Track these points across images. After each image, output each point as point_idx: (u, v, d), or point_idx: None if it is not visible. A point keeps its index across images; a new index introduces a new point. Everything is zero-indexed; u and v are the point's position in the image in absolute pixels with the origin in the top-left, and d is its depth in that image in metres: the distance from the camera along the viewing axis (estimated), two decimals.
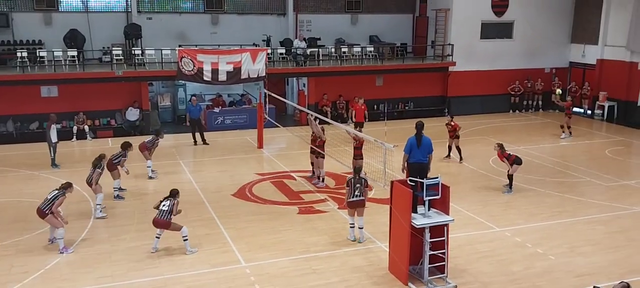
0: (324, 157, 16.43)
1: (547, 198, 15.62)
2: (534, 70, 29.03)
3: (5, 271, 11.14)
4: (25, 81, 21.85)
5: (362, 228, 12.58)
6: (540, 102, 28.91)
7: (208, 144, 21.58)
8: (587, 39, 28.52)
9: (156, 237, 12.08)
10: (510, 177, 16.07)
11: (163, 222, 11.82)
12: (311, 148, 16.89)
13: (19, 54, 21.99)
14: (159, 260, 11.66)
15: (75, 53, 22.94)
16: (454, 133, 19.09)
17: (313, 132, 16.76)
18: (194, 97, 22.30)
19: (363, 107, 22.04)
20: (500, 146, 16.16)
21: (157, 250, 12.04)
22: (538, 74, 28.98)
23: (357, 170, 12.97)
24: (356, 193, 12.18)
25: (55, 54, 22.72)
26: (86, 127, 22.53)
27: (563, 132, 22.92)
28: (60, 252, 11.91)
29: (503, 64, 28.53)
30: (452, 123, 19.08)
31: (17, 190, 16.21)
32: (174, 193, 12.25)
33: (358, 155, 16.11)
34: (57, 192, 12.24)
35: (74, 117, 22.58)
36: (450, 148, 19.40)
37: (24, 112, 22.51)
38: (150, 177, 17.25)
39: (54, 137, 18.31)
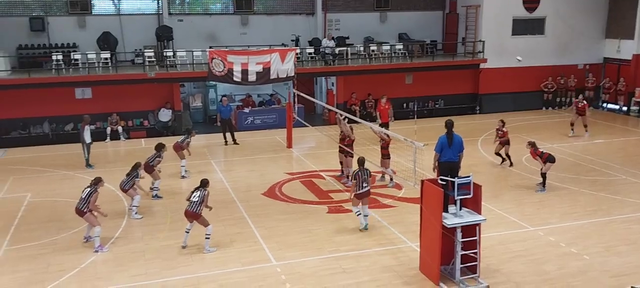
0: (352, 156, 16.37)
1: (581, 197, 15.32)
2: (566, 67, 28.48)
3: (43, 269, 11.43)
4: (60, 83, 22.36)
5: (367, 216, 13.11)
6: (573, 99, 28.30)
7: (238, 144, 21.77)
8: (622, 33, 27.84)
9: (186, 232, 12.28)
10: (543, 175, 15.79)
11: (193, 214, 11.99)
12: (340, 147, 16.89)
13: (54, 57, 22.53)
14: (192, 259, 11.81)
15: (108, 55, 23.41)
16: (504, 139, 18.07)
17: (342, 131, 16.76)
18: (224, 98, 22.54)
19: (386, 107, 21.87)
20: (532, 144, 15.91)
21: (187, 245, 12.22)
22: (571, 71, 28.42)
23: (362, 161, 13.24)
24: (364, 184, 12.75)
25: (89, 56, 23.21)
26: (119, 128, 22.94)
27: (572, 129, 22.34)
28: (95, 251, 12.17)
29: (535, 60, 28.06)
30: (504, 129, 18.08)
31: (52, 190, 16.60)
32: (204, 184, 12.38)
33: (385, 155, 16.07)
34: (89, 189, 12.52)
35: (108, 118, 23.03)
36: (498, 154, 18.37)
37: (59, 114, 23.05)
38: (183, 177, 17.48)
39: (88, 137, 18.70)
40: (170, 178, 17.21)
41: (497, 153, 18.47)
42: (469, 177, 10.35)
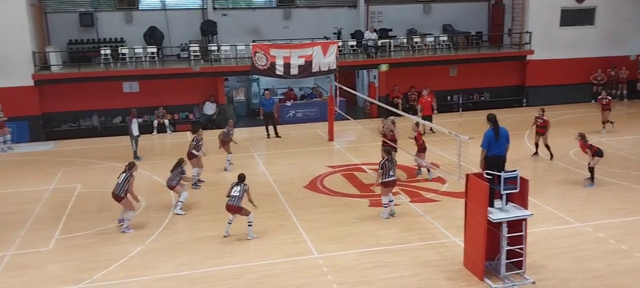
0: (396, 151, 16.23)
1: (631, 193, 14.81)
2: (617, 58, 27.51)
3: (93, 258, 11.80)
4: (108, 77, 22.99)
5: (392, 201, 13.49)
6: (624, 91, 27.40)
7: (280, 137, 21.92)
8: None
9: (228, 223, 12.57)
10: (591, 169, 15.33)
11: (235, 208, 12.24)
12: (384, 142, 16.68)
13: (102, 52, 23.17)
14: (235, 249, 11.99)
15: (154, 50, 23.89)
16: (544, 129, 17.76)
17: (383, 126, 16.62)
18: (267, 91, 22.74)
19: (429, 99, 21.57)
20: (582, 136, 15.43)
21: (228, 235, 12.52)
22: (622, 62, 27.44)
23: (388, 151, 13.56)
24: (391, 173, 13.08)
25: (136, 51, 23.76)
26: (166, 121, 23.42)
27: (604, 127, 21.27)
28: (122, 231, 12.85)
29: (584, 51, 27.21)
30: (544, 118, 17.75)
31: (101, 181, 17.08)
32: (242, 178, 12.59)
33: (422, 148, 16.09)
34: (125, 174, 12.98)
35: (154, 112, 23.54)
36: (537, 145, 18.17)
37: (107, 107, 23.73)
38: (226, 169, 17.70)
39: (135, 130, 19.16)
40: (214, 171, 17.48)
41: (536, 143, 18.19)
42: (515, 171, 10.14)
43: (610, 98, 21.58)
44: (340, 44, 23.50)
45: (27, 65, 22.04)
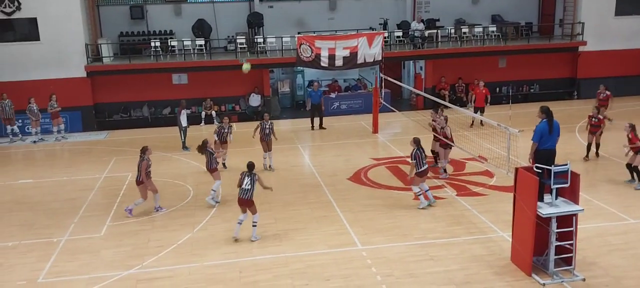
0: (451, 148, 15.67)
1: None
2: None
3: (143, 244, 12.13)
4: (158, 69, 23.50)
5: (428, 190, 13.66)
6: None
7: (325, 129, 21.97)
8: None
9: (238, 223, 12.09)
10: (634, 169, 14.37)
11: (246, 201, 11.87)
12: (435, 136, 16.34)
13: (152, 44, 23.68)
14: (280, 239, 12.10)
15: (202, 42, 24.26)
16: (598, 128, 16.71)
17: (433, 120, 16.33)
18: (315, 83, 22.83)
19: (484, 91, 21.29)
20: (633, 127, 14.55)
21: (239, 237, 12.03)
22: None
23: (418, 141, 13.52)
24: (424, 163, 13.28)
25: (185, 43, 24.18)
26: (213, 112, 23.78)
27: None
28: (127, 211, 13.47)
29: None
30: (600, 116, 16.75)
31: (151, 170, 17.45)
32: (250, 167, 11.98)
33: (444, 144, 15.69)
34: (139, 159, 13.50)
35: (202, 103, 23.93)
36: (590, 146, 16.91)
37: (157, 98, 24.28)
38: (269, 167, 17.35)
39: (184, 121, 19.55)
40: (258, 161, 17.63)
41: (589, 144, 16.90)
42: (566, 165, 9.87)
43: (608, 93, 20.40)
44: (386, 34, 23.32)
45: (80, 57, 22.77)
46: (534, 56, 25.81)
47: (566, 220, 9.98)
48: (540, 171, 9.95)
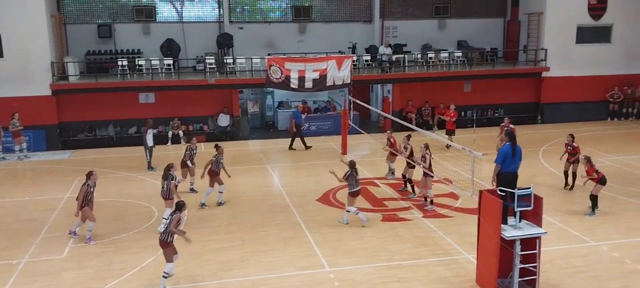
0: (432, 177, 15.08)
1: None
2: (634, 76, 27.30)
3: (106, 266, 11.88)
4: (125, 88, 23.25)
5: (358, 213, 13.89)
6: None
7: (311, 147, 22.33)
8: None
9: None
10: (593, 198, 14.49)
11: (162, 242, 10.67)
12: (408, 162, 16.12)
13: (119, 63, 23.44)
14: (247, 262, 11.99)
15: (171, 61, 24.13)
16: (573, 157, 16.37)
17: (405, 147, 16.17)
18: (299, 104, 23.41)
19: (453, 114, 21.91)
20: (588, 159, 14.63)
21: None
22: (639, 80, 27.21)
23: (353, 164, 13.94)
24: (356, 184, 13.70)
25: (153, 62, 24.01)
26: (180, 132, 23.58)
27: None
28: (86, 241, 13.03)
29: (601, 69, 27.05)
30: (574, 144, 16.46)
31: (115, 191, 17.22)
32: (179, 206, 10.96)
33: (409, 164, 15.89)
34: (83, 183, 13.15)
35: (170, 123, 23.72)
36: (566, 174, 16.65)
37: (123, 117, 23.99)
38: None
39: (150, 141, 19.32)
40: (229, 182, 17.50)
41: (566, 172, 16.63)
42: (529, 188, 10.07)
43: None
44: (355, 58, 23.58)
45: (46, 75, 22.38)
46: (498, 81, 26.40)
47: (530, 243, 10.15)
48: (503, 194, 10.13)
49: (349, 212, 14.06)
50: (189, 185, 16.49)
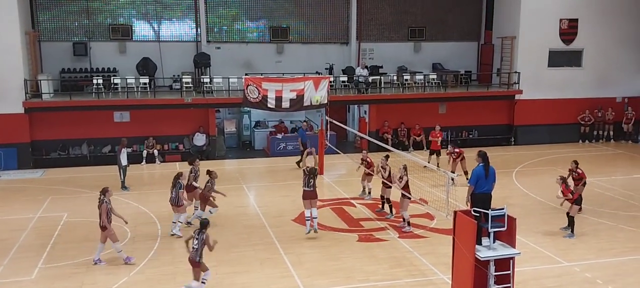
0: (409, 198, 15.08)
1: (619, 233, 14.88)
2: (604, 100, 27.97)
3: None
4: (99, 106, 22.99)
5: (316, 218, 13.83)
6: (611, 132, 27.76)
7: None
8: None
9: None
10: (571, 219, 14.66)
11: (194, 262, 11.07)
12: (383, 182, 16.16)
13: (94, 81, 23.21)
14: (221, 283, 11.87)
15: (147, 80, 23.98)
16: (579, 182, 16.11)
17: (383, 167, 16.17)
18: (304, 123, 23.42)
19: (439, 135, 22.24)
20: (564, 180, 14.86)
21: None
22: (609, 103, 27.90)
23: (311, 171, 14.03)
24: (310, 182, 13.63)
25: (128, 81, 23.83)
26: (155, 152, 23.37)
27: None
28: (126, 260, 12.73)
29: (572, 92, 27.66)
30: (579, 171, 16.25)
31: (88, 210, 16.91)
32: (204, 224, 11.34)
33: (386, 185, 15.83)
34: (98, 202, 12.80)
35: (144, 142, 23.50)
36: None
37: (97, 136, 23.67)
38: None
39: (124, 160, 19.11)
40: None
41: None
42: (503, 209, 10.19)
43: (458, 150, 19.03)
44: (331, 79, 23.73)
45: (19, 93, 22.04)
46: (472, 103, 26.78)
47: (504, 264, 10.24)
48: (478, 215, 10.23)
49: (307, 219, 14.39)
50: (193, 209, 15.81)
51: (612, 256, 13.39)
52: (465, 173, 18.26)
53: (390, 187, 15.96)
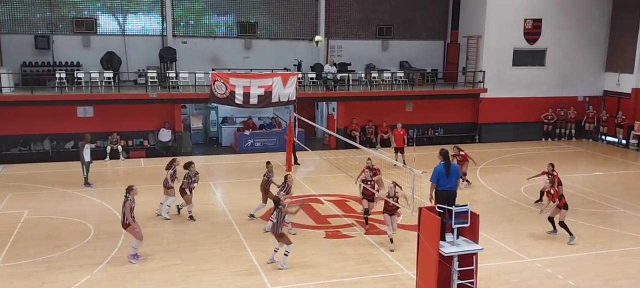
0: (399, 215, 14.27)
1: (579, 229, 15.23)
2: (567, 98, 28.63)
3: (37, 287, 11.36)
4: (62, 101, 22.47)
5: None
6: (573, 131, 28.44)
7: (299, 164, 22.09)
8: (622, 67, 28.05)
9: (274, 250, 12.62)
10: (563, 225, 14.33)
11: (276, 234, 12.38)
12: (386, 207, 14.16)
13: (57, 75, 22.68)
14: (187, 282, 11.75)
15: (111, 75, 23.55)
16: (556, 184, 15.48)
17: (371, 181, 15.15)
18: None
19: (402, 132, 22.13)
20: (552, 183, 14.75)
21: (274, 261, 12.56)
22: (571, 102, 28.56)
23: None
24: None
25: (92, 75, 23.36)
26: (119, 147, 22.99)
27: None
28: (130, 260, 12.55)
29: (536, 91, 28.24)
30: (554, 172, 16.20)
31: (50, 207, 16.58)
32: (277, 202, 12.66)
33: (392, 211, 13.84)
34: (123, 199, 12.57)
35: (108, 137, 23.09)
36: (542, 193, 16.77)
37: (60, 132, 23.12)
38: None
39: (87, 156, 18.74)
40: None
41: (542, 191, 16.47)
42: (466, 205, 10.34)
43: (463, 153, 18.75)
44: (300, 75, 23.70)
45: None
46: (438, 101, 27.10)
47: (467, 259, 10.38)
48: (442, 211, 10.36)
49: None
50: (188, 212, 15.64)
51: (572, 252, 13.72)
52: (464, 174, 18.45)
53: (372, 200, 14.90)
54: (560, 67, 28.48)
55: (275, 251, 12.57)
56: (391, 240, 13.65)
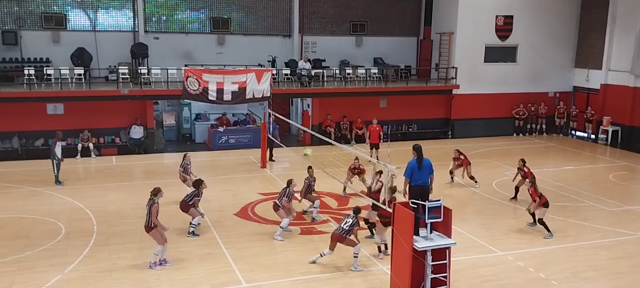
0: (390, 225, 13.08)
1: (550, 222, 15.43)
2: (537, 94, 29.11)
3: (6, 287, 11.14)
4: (31, 98, 22.03)
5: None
6: (544, 126, 28.93)
7: (273, 161, 21.96)
8: (591, 63, 28.64)
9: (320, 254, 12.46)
10: (542, 222, 14.51)
11: (338, 236, 12.24)
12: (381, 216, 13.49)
13: (26, 72, 22.22)
14: (160, 280, 11.64)
15: (82, 71, 23.16)
16: (530, 180, 15.57)
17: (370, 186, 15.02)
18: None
19: (377, 128, 22.00)
20: (533, 183, 14.92)
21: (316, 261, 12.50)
22: (542, 98, 29.05)
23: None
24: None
25: (62, 71, 22.94)
26: (91, 145, 22.64)
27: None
28: (155, 267, 12.11)
29: (507, 87, 28.64)
30: (525, 168, 16.87)
31: (19, 206, 16.25)
32: (355, 211, 12.50)
33: (386, 222, 12.80)
34: (149, 202, 12.21)
35: (79, 135, 22.71)
36: (517, 189, 17.39)
37: (29, 129, 22.67)
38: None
39: (58, 154, 18.41)
40: (141, 197, 16.97)
41: (517, 187, 17.26)
42: (439, 200, 10.44)
43: (463, 157, 19.27)
44: (274, 71, 23.63)
45: None
46: (412, 97, 27.30)
47: (440, 253, 10.49)
48: (415, 206, 10.45)
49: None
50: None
51: (543, 245, 13.98)
52: (471, 177, 18.73)
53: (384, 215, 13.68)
54: (531, 63, 28.94)
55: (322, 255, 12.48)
56: (379, 249, 13.12)
